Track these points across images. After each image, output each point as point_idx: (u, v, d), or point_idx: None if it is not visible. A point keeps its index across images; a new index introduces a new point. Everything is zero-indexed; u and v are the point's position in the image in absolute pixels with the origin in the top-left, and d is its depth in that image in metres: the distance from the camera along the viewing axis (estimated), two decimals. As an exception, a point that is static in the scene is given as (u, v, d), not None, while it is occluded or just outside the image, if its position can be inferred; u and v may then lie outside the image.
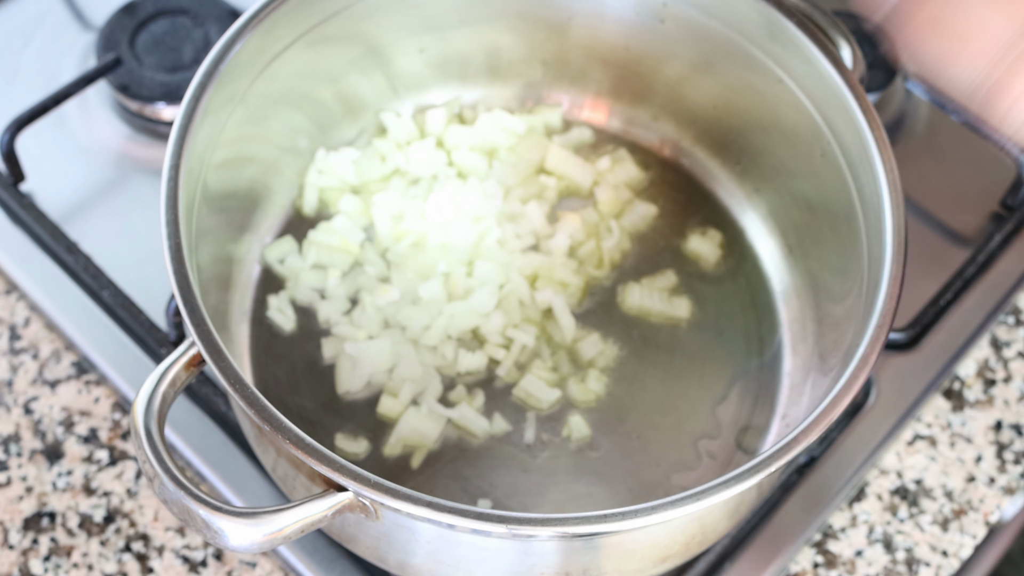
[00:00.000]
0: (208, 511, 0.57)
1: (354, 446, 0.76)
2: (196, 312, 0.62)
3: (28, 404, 0.81)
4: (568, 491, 0.75)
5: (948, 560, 0.77)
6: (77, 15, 0.99)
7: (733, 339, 0.80)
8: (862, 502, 0.79)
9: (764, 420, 0.77)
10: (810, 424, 0.60)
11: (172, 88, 0.92)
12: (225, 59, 0.72)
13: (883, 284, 0.66)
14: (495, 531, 0.57)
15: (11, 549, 0.76)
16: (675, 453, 0.76)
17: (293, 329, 0.80)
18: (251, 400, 0.60)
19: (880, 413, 0.81)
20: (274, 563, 0.76)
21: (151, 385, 0.61)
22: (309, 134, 0.85)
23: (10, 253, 0.86)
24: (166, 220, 0.66)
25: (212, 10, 0.95)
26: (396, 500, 0.57)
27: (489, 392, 0.78)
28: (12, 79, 0.95)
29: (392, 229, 0.83)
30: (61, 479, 0.78)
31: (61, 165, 0.90)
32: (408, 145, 0.87)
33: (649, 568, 0.68)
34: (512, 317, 0.80)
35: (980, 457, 0.81)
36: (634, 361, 0.80)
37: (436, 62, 0.88)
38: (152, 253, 0.85)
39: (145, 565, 0.75)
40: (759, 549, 0.76)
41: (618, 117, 0.89)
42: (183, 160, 0.68)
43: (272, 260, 0.82)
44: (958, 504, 0.79)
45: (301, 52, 0.79)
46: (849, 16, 0.98)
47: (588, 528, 0.57)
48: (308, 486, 0.63)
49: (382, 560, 0.68)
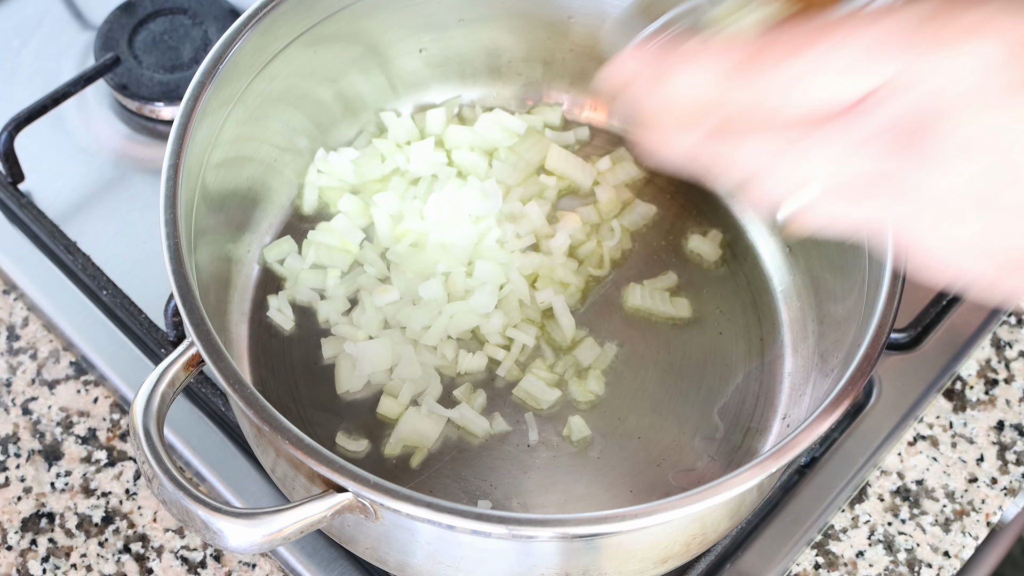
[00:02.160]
0: (207, 512, 0.57)
1: (354, 446, 0.76)
2: (195, 312, 0.62)
3: (27, 404, 0.80)
4: (568, 491, 0.75)
5: (949, 561, 0.77)
6: (76, 14, 0.98)
7: (734, 339, 0.80)
8: (863, 503, 0.79)
9: (765, 420, 0.77)
10: (811, 424, 0.60)
11: (171, 87, 0.92)
12: (224, 58, 0.72)
13: (884, 283, 0.65)
14: (495, 532, 0.57)
15: (9, 550, 0.75)
16: (675, 453, 0.76)
17: (293, 329, 0.80)
18: (250, 400, 0.60)
19: (881, 413, 0.80)
20: (273, 564, 0.76)
21: (150, 385, 0.61)
22: (309, 134, 0.85)
23: (9, 253, 0.85)
24: (165, 220, 0.65)
25: (211, 9, 0.95)
26: (396, 501, 0.57)
27: (489, 392, 0.78)
28: (11, 79, 0.94)
29: (392, 229, 0.83)
30: (60, 480, 0.78)
31: (60, 165, 0.90)
32: (408, 145, 0.87)
33: (650, 569, 0.68)
34: (512, 317, 0.80)
35: (982, 458, 0.81)
36: (634, 361, 0.80)
37: (436, 62, 0.88)
38: (151, 253, 0.86)
39: (144, 566, 0.75)
40: (760, 550, 0.75)
41: (618, 116, 0.89)
42: (182, 160, 0.68)
43: (271, 260, 0.82)
44: (959, 505, 0.79)
45: (300, 51, 0.79)
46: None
47: (588, 529, 0.57)
48: (307, 487, 0.63)
49: (382, 561, 0.68)
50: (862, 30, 0.42)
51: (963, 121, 0.41)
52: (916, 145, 0.42)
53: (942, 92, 0.41)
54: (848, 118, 0.43)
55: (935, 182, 0.42)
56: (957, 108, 0.41)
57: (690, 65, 0.45)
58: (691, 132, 0.46)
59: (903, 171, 0.43)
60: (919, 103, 0.42)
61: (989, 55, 0.41)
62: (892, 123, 0.42)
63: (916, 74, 0.42)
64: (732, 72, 0.44)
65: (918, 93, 0.42)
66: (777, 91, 0.43)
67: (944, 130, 0.42)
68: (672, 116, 0.46)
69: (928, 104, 0.42)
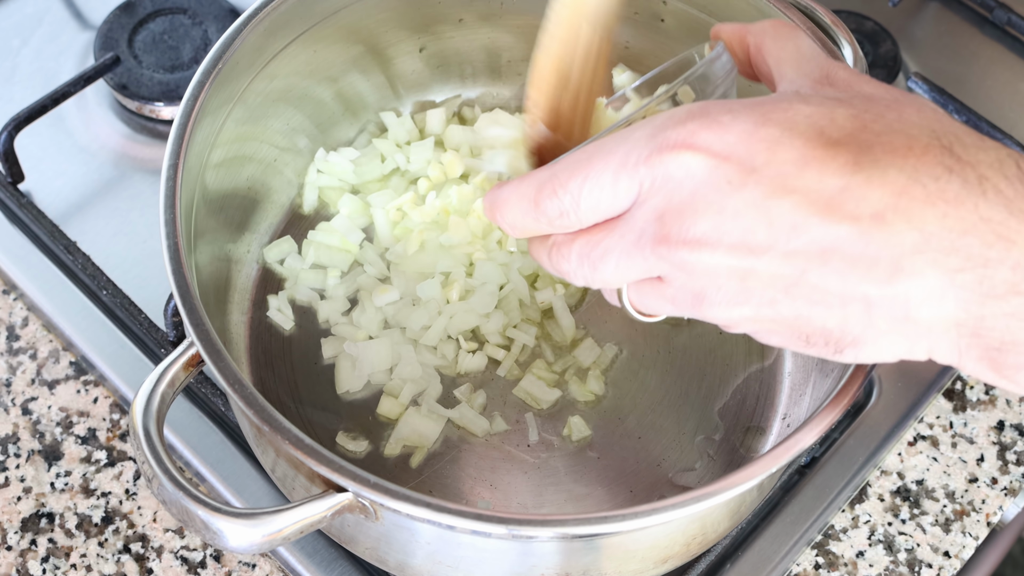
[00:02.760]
0: (207, 512, 0.57)
1: (354, 446, 0.76)
2: (195, 312, 0.62)
3: (26, 404, 0.80)
4: (568, 491, 0.75)
5: (950, 561, 0.77)
6: (76, 14, 0.98)
7: (734, 339, 0.80)
8: (863, 503, 0.79)
9: (765, 420, 0.77)
10: (811, 424, 0.60)
11: (171, 87, 0.92)
12: (224, 58, 0.72)
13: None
14: (495, 532, 0.57)
15: (9, 550, 0.75)
16: (675, 453, 0.76)
17: (293, 329, 0.80)
18: (250, 400, 0.60)
19: (881, 413, 0.80)
20: (273, 564, 0.76)
21: (150, 385, 0.61)
22: (308, 133, 0.85)
23: (8, 253, 0.85)
24: (165, 220, 0.65)
25: (211, 9, 0.95)
26: (395, 501, 0.57)
27: (489, 392, 0.78)
28: (10, 78, 0.94)
29: (392, 229, 0.83)
30: (59, 480, 0.78)
31: (60, 164, 0.90)
32: (408, 145, 0.87)
33: (650, 569, 0.68)
34: (512, 317, 0.80)
35: (982, 458, 0.81)
36: (634, 361, 0.80)
37: (436, 62, 0.88)
38: (151, 253, 0.85)
39: (144, 566, 0.75)
40: (760, 550, 0.75)
41: (618, 116, 0.89)
42: (182, 159, 0.67)
43: (271, 260, 0.82)
44: (960, 505, 0.79)
45: (300, 51, 0.79)
46: (850, 15, 0.97)
47: (588, 529, 0.57)
48: (307, 487, 0.63)
49: (382, 561, 0.68)
50: (610, 153, 0.52)
51: (699, 212, 0.50)
52: (670, 239, 0.51)
53: (678, 190, 0.50)
54: (620, 221, 0.53)
55: (695, 273, 0.51)
56: (691, 203, 0.50)
57: (504, 194, 0.56)
58: (539, 247, 0.57)
59: (673, 264, 0.51)
60: (663, 202, 0.51)
61: (695, 165, 0.50)
62: (651, 219, 0.51)
63: (653, 180, 0.51)
64: (529, 205, 0.55)
65: (661, 194, 0.51)
66: (562, 216, 0.54)
67: (686, 222, 0.50)
68: (515, 234, 0.57)
69: (671, 202, 0.50)
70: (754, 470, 0.58)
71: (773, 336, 0.53)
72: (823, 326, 0.51)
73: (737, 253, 0.50)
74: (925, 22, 1.01)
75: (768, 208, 0.48)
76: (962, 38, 0.99)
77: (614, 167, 0.52)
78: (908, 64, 0.97)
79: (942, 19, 1.01)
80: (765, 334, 0.53)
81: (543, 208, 0.54)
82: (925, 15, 1.01)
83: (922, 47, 0.98)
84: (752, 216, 0.49)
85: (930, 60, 0.98)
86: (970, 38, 1.00)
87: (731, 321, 0.53)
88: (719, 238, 0.50)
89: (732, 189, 0.49)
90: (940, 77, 0.95)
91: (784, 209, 0.48)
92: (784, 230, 0.48)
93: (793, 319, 0.51)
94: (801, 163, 0.48)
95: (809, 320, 0.51)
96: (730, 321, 0.53)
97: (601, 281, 0.55)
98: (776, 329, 0.52)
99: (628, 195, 0.52)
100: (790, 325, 0.51)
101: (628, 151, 0.52)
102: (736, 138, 0.49)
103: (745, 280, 0.50)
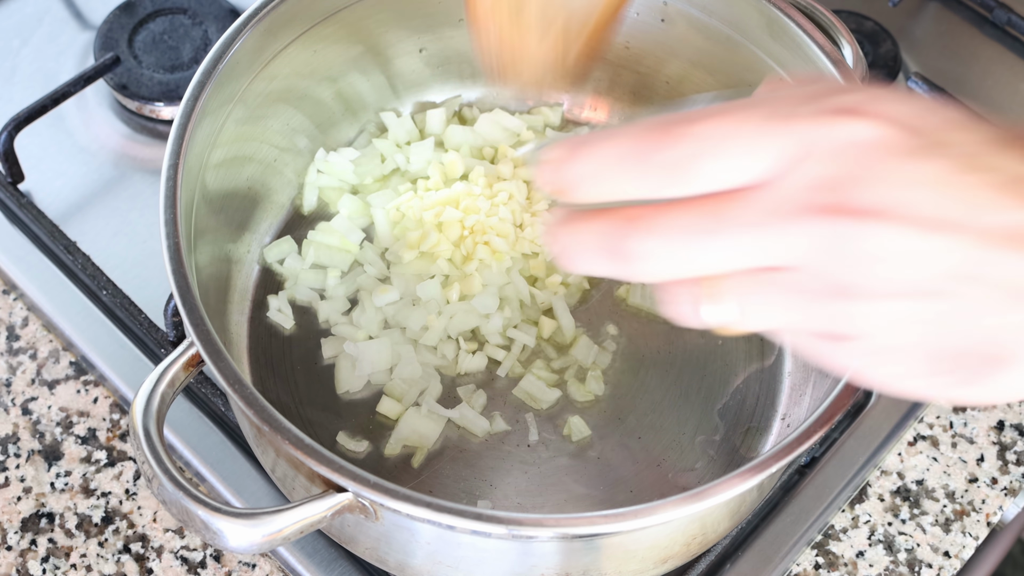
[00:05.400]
0: (207, 512, 0.57)
1: (354, 446, 0.76)
2: (195, 312, 0.62)
3: (26, 404, 0.80)
4: (568, 491, 0.75)
5: (950, 561, 0.77)
6: (75, 14, 0.98)
7: (734, 339, 0.80)
8: (863, 503, 0.79)
9: (765, 420, 0.77)
10: (811, 425, 0.60)
11: (171, 87, 0.92)
12: (224, 58, 0.72)
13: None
14: (495, 532, 0.57)
15: (9, 550, 0.75)
16: (675, 453, 0.76)
17: (293, 329, 0.80)
18: (250, 400, 0.60)
19: (881, 413, 0.80)
20: (273, 564, 0.76)
21: (150, 385, 0.61)
22: (308, 133, 0.85)
23: (8, 253, 0.85)
24: (165, 220, 0.65)
25: (211, 9, 0.95)
26: (396, 501, 0.57)
27: (489, 392, 0.78)
28: (10, 78, 0.94)
29: (392, 229, 0.83)
30: (59, 480, 0.78)
31: (60, 165, 0.90)
32: (408, 145, 0.87)
33: (650, 569, 0.67)
34: (512, 317, 0.80)
35: (982, 458, 0.81)
36: (634, 361, 0.80)
37: (436, 62, 0.88)
38: (151, 253, 0.85)
39: (144, 566, 0.75)
40: (760, 550, 0.75)
41: (618, 116, 0.89)
42: (182, 159, 0.67)
43: (271, 260, 0.82)
44: (960, 505, 0.79)
45: (300, 51, 0.79)
46: (850, 15, 0.97)
47: (588, 529, 0.57)
48: (307, 487, 0.63)
49: (382, 561, 0.68)
50: (749, 107, 0.43)
51: (875, 179, 0.41)
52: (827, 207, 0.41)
53: (845, 157, 0.41)
54: (751, 190, 0.42)
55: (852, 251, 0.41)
56: (863, 170, 0.41)
57: (594, 138, 0.44)
58: (596, 225, 0.44)
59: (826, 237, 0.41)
60: (823, 169, 0.41)
61: (871, 132, 0.41)
62: (802, 185, 0.41)
63: (813, 144, 0.41)
64: (633, 151, 0.43)
65: (823, 160, 0.41)
66: (674, 171, 0.43)
67: (857, 188, 0.41)
68: (577, 199, 0.45)
69: (835, 168, 0.41)
70: (754, 470, 0.58)
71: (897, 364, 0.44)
72: (983, 338, 0.42)
73: (916, 226, 0.41)
74: (925, 22, 1.01)
75: (960, 183, 0.41)
76: (962, 38, 0.99)
77: (757, 120, 0.42)
78: (908, 64, 0.97)
79: (942, 19, 1.01)
80: (886, 360, 0.44)
81: (652, 155, 0.43)
82: (925, 15, 1.01)
83: (922, 47, 0.98)
84: (941, 189, 0.41)
85: (930, 60, 0.98)
86: (970, 38, 1.00)
87: (867, 325, 0.43)
88: (896, 208, 0.41)
89: (917, 159, 0.41)
90: (940, 77, 0.95)
91: (979, 186, 0.41)
92: (978, 206, 0.41)
93: (950, 326, 0.42)
94: (988, 144, 0.43)
95: (975, 325, 0.42)
96: (867, 325, 0.43)
97: (697, 268, 0.43)
98: (912, 350, 0.43)
99: (768, 158, 0.42)
100: (937, 338, 0.43)
101: (773, 111, 0.43)
102: (917, 112, 0.43)
103: (916, 263, 0.41)
